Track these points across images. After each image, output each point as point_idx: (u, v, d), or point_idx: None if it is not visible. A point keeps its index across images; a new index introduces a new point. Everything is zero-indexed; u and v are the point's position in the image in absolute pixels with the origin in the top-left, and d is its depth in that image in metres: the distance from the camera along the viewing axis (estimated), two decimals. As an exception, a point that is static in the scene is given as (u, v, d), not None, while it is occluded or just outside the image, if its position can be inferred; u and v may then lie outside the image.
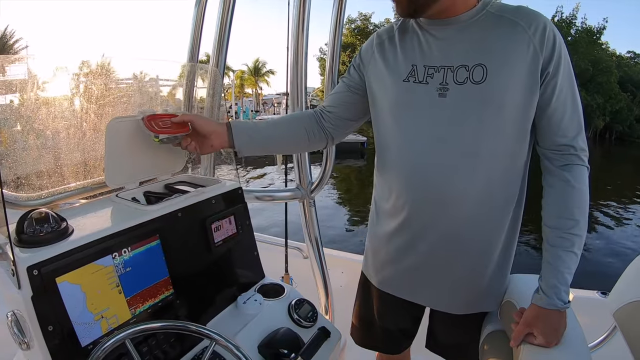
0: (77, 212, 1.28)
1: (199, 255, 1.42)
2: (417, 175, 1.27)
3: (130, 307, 1.16)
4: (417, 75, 1.24)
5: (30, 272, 0.97)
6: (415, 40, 1.27)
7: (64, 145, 1.43)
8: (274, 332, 1.36)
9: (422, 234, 1.32)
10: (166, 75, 1.96)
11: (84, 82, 1.47)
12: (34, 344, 1.06)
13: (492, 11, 1.18)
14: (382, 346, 1.70)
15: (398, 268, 1.43)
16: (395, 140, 1.32)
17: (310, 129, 1.49)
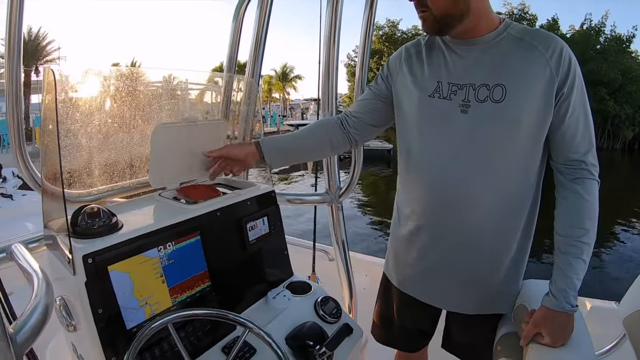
0: (124, 208, 1.40)
1: (235, 251, 1.52)
2: (436, 185, 1.36)
3: (171, 296, 1.27)
4: (441, 91, 1.32)
5: (85, 260, 1.09)
6: (441, 57, 1.35)
7: (112, 147, 1.55)
8: (300, 325, 1.44)
9: (437, 240, 1.41)
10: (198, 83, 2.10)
11: (132, 90, 1.58)
12: (81, 326, 1.17)
13: (512, 33, 1.26)
14: (400, 344, 1.77)
15: (415, 270, 1.51)
16: (418, 151, 1.41)
17: (334, 136, 1.59)
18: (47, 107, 1.25)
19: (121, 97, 1.52)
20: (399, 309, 1.66)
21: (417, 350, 1.76)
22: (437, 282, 1.47)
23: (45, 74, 1.19)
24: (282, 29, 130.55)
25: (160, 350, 1.20)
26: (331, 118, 1.65)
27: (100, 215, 1.23)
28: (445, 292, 1.47)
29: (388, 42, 39.13)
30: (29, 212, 4.09)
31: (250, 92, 2.01)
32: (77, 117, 1.42)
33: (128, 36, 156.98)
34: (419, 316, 1.63)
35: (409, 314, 1.64)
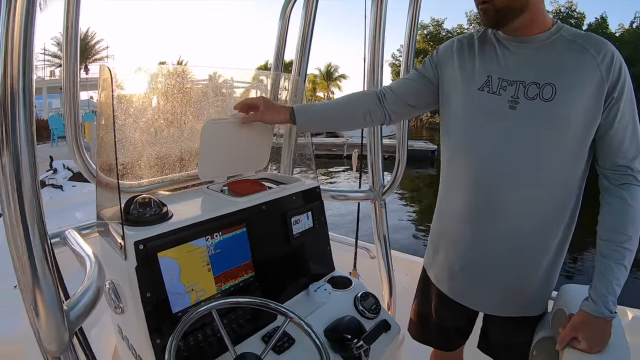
0: (174, 199, 1.47)
1: (279, 244, 1.57)
2: (479, 180, 1.36)
3: (216, 283, 1.33)
4: (491, 85, 1.33)
5: (137, 246, 1.16)
6: (493, 52, 1.36)
7: (162, 141, 1.63)
8: (339, 319, 1.47)
9: (477, 239, 1.41)
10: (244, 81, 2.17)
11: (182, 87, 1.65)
12: (129, 309, 1.25)
13: (565, 35, 1.26)
14: (437, 342, 1.77)
15: (453, 269, 1.51)
16: (463, 144, 1.41)
17: (370, 109, 1.60)
18: (103, 103, 1.33)
19: (172, 94, 1.59)
20: (436, 307, 1.66)
21: (454, 350, 1.76)
22: (474, 283, 1.47)
23: (101, 72, 1.27)
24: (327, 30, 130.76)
25: (203, 335, 1.26)
26: (370, 91, 1.65)
27: (152, 205, 1.30)
28: (481, 294, 1.47)
29: (433, 41, 38.54)
30: (78, 203, 4.26)
31: (296, 90, 2.05)
32: (130, 112, 1.50)
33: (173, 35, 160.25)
34: (456, 315, 1.62)
35: (446, 312, 1.64)
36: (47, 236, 0.79)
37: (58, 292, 0.83)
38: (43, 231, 0.77)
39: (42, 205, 0.77)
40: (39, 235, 0.76)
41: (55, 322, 0.82)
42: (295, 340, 1.35)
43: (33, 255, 0.75)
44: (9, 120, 0.69)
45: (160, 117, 1.59)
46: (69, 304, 0.90)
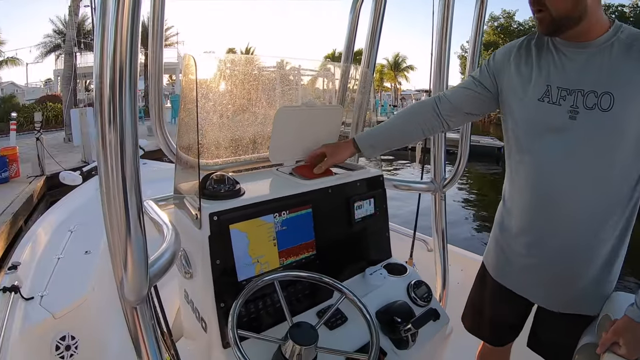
0: (246, 178, 1.59)
1: (341, 227, 1.66)
2: (540, 188, 1.39)
3: (280, 258, 1.44)
4: (551, 96, 1.34)
5: (211, 217, 1.29)
6: (550, 59, 1.36)
7: (237, 124, 1.75)
8: (391, 302, 1.55)
9: (538, 240, 1.44)
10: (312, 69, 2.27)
11: (257, 75, 1.76)
12: (198, 274, 1.39)
13: (622, 37, 1.24)
14: (487, 336, 1.80)
15: (513, 263, 1.55)
16: (525, 152, 1.43)
17: (426, 123, 1.65)
18: (186, 88, 1.47)
19: (247, 81, 1.70)
20: (491, 300, 1.70)
21: (503, 345, 1.78)
22: (531, 275, 1.50)
23: (185, 59, 1.40)
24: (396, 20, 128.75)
25: (263, 304, 1.38)
26: (426, 103, 1.68)
27: (226, 181, 1.42)
28: (537, 285, 1.50)
29: (503, 33, 36.83)
30: (149, 179, 4.51)
31: (365, 81, 2.12)
32: (209, 97, 1.62)
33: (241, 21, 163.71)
34: (510, 309, 1.66)
35: (501, 305, 1.67)
36: (142, 199, 0.90)
37: (146, 251, 0.94)
38: (139, 196, 0.88)
39: (139, 174, 0.87)
40: (136, 200, 0.87)
41: (140, 277, 0.93)
42: (347, 319, 1.44)
43: (129, 215, 0.86)
44: (117, 99, 0.79)
45: (235, 102, 1.69)
46: (150, 263, 1.01)
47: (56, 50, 26.85)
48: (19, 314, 2.05)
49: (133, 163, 0.84)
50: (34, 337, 2.01)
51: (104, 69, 0.78)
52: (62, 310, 2.15)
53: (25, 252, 2.75)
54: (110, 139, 0.80)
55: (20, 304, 2.12)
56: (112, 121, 0.79)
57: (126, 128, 0.81)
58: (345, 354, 1.27)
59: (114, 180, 0.83)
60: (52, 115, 20.05)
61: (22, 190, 7.85)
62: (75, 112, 11.72)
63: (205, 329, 1.39)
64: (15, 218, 6.41)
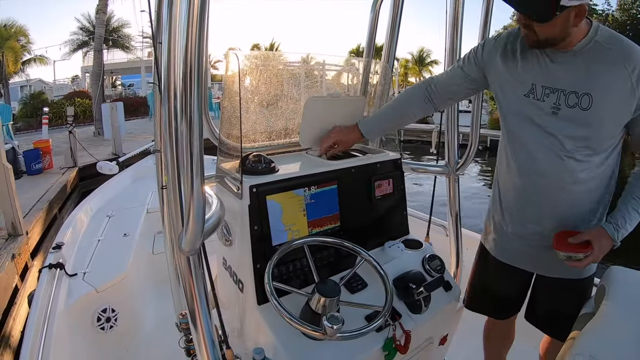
0: (280, 160, 1.77)
1: (362, 203, 1.84)
2: (525, 172, 1.58)
3: (308, 227, 1.64)
4: (535, 93, 1.50)
5: (251, 189, 1.49)
6: (535, 59, 1.49)
7: (271, 113, 1.94)
8: (407, 271, 1.72)
9: (526, 210, 1.63)
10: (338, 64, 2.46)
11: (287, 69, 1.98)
12: (236, 242, 1.59)
13: (599, 41, 1.38)
14: (491, 310, 1.96)
15: (511, 239, 1.72)
16: (513, 139, 1.61)
17: (419, 107, 1.84)
18: (229, 81, 1.68)
19: (280, 75, 1.90)
20: (493, 277, 1.86)
21: (507, 318, 1.94)
22: (528, 249, 1.67)
23: (228, 56, 1.63)
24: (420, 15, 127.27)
25: (293, 267, 1.57)
26: (418, 90, 1.85)
27: (262, 161, 1.64)
28: (536, 257, 1.67)
29: (515, 24, 35.72)
30: None
31: (385, 75, 2.30)
32: (248, 89, 1.82)
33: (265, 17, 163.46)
34: (511, 283, 1.82)
35: (502, 280, 1.84)
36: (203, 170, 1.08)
37: (204, 210, 1.12)
38: (202, 169, 1.06)
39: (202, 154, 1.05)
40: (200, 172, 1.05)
41: (197, 230, 1.10)
42: (368, 285, 1.62)
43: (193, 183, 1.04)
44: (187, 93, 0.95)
45: (270, 93, 1.88)
46: None
47: (83, 48, 27.19)
48: (64, 288, 2.25)
49: (199, 144, 1.02)
50: (78, 309, 2.21)
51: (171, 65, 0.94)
52: (103, 285, 2.35)
53: (68, 235, 2.97)
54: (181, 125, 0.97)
55: (65, 280, 2.32)
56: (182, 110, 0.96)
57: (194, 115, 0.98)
58: (364, 306, 1.44)
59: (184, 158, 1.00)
60: (81, 111, 20.40)
61: (56, 181, 8.03)
62: (107, 107, 12.01)
63: (242, 289, 1.58)
64: (51, 206, 6.58)
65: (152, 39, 1.55)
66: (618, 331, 1.27)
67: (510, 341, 2.05)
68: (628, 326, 1.28)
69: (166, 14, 0.94)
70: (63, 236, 2.92)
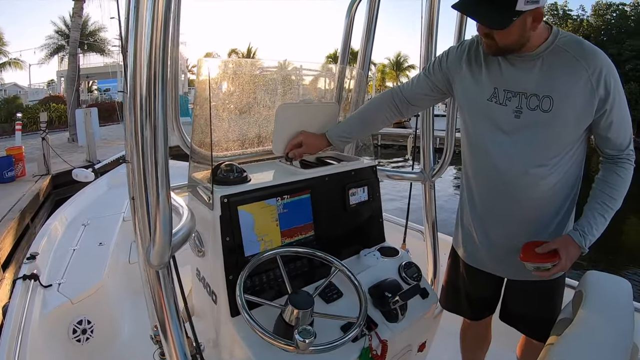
0: (252, 168, 1.75)
1: (337, 211, 1.81)
2: (491, 175, 1.58)
3: (282, 237, 1.62)
4: (498, 97, 1.51)
5: (222, 200, 1.47)
6: (496, 64, 1.52)
7: (243, 121, 1.92)
8: (382, 280, 1.69)
9: (493, 214, 1.64)
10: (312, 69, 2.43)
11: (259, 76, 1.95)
12: (209, 251, 1.56)
13: (559, 44, 1.41)
14: (465, 311, 1.96)
15: (479, 244, 1.72)
16: (478, 144, 1.61)
17: (386, 116, 1.85)
18: (200, 89, 1.64)
19: (253, 82, 1.87)
20: (465, 279, 1.87)
21: (482, 319, 1.95)
22: (496, 254, 1.67)
23: (199, 63, 1.61)
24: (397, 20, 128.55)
25: (267, 278, 1.54)
26: (385, 98, 1.85)
27: (234, 170, 1.60)
28: (499, 260, 1.68)
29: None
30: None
31: (360, 82, 2.29)
32: (220, 97, 1.80)
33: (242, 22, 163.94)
34: (483, 285, 1.83)
35: (473, 283, 1.84)
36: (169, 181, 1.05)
37: (171, 223, 1.10)
38: (168, 179, 1.04)
39: (168, 162, 1.03)
40: (166, 182, 1.03)
41: (164, 243, 1.08)
42: (343, 294, 1.60)
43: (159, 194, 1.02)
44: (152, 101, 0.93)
45: (242, 101, 1.86)
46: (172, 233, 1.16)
47: (59, 52, 26.82)
48: (38, 300, 2.17)
49: (164, 152, 1.00)
50: (52, 321, 2.14)
51: (136, 73, 0.92)
52: (78, 296, 2.28)
53: (42, 244, 2.87)
54: (146, 132, 0.95)
55: (39, 291, 2.24)
56: (147, 117, 0.94)
57: (159, 122, 0.96)
58: (337, 317, 1.42)
59: (148, 165, 0.98)
60: (56, 116, 20.20)
61: (28, 189, 7.93)
62: (81, 113, 11.92)
63: (215, 301, 1.55)
64: (23, 215, 6.50)
65: (120, 47, 1.52)
66: (596, 338, 1.27)
67: (487, 343, 2.05)
68: (605, 332, 1.29)
69: (132, 20, 0.91)
70: (37, 246, 2.84)
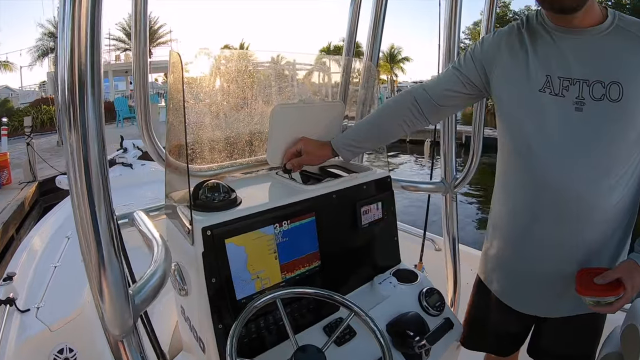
0: (243, 184, 1.48)
1: (347, 234, 1.54)
2: (547, 187, 1.27)
3: (282, 272, 1.32)
4: (552, 86, 1.23)
5: (204, 232, 1.16)
6: (547, 48, 1.25)
7: (232, 125, 1.64)
8: (403, 314, 1.44)
9: (539, 242, 1.33)
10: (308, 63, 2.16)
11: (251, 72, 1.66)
12: (193, 292, 1.27)
13: (621, 25, 1.18)
14: (490, 348, 1.71)
15: (513, 275, 1.45)
16: (525, 148, 1.30)
17: (405, 120, 1.53)
18: (173, 87, 1.31)
19: (242, 78, 1.59)
20: (494, 316, 1.59)
21: (509, 355, 1.69)
22: (534, 288, 1.40)
23: (170, 57, 1.25)
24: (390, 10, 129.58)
25: (265, 322, 1.27)
26: (405, 100, 1.54)
27: (220, 190, 1.30)
28: (541, 298, 1.41)
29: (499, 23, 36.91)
30: (148, 181, 4.44)
31: (368, 76, 1.99)
32: (200, 97, 1.52)
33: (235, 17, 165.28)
34: (516, 321, 1.55)
35: (505, 320, 1.57)
36: (114, 218, 0.79)
37: (124, 277, 0.83)
38: (110, 212, 0.77)
39: (109, 186, 0.76)
40: (106, 217, 0.75)
41: (120, 307, 0.83)
42: (356, 333, 1.34)
43: (99, 236, 0.75)
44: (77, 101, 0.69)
45: (229, 101, 1.60)
46: (135, 289, 0.90)
47: (51, 53, 26.82)
48: (15, 327, 2.03)
49: (100, 174, 0.73)
50: (31, 350, 1.98)
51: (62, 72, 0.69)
52: (58, 321, 2.10)
53: (21, 262, 2.73)
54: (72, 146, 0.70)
55: (17, 317, 2.09)
56: (72, 127, 0.69)
57: (90, 134, 0.71)
58: None
59: (79, 194, 0.73)
60: (47, 118, 20.07)
61: (13, 198, 7.80)
62: None
63: (203, 349, 1.29)
64: (6, 227, 6.38)
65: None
66: None
67: None
68: None
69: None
70: (16, 263, 2.69)
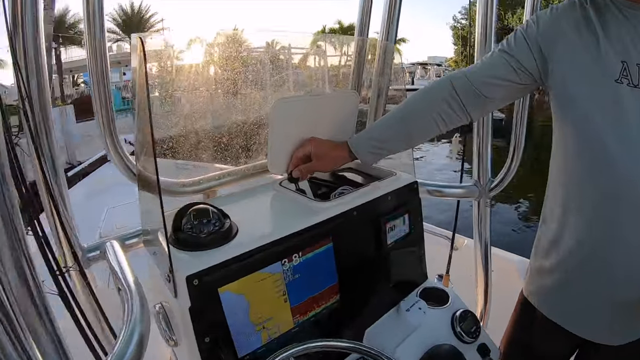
0: (238, 203, 1.21)
1: (370, 258, 1.27)
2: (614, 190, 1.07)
3: (294, 316, 1.05)
4: (630, 75, 1.00)
5: (190, 281, 0.87)
6: (620, 27, 1.02)
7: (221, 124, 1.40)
8: (436, 347, 1.21)
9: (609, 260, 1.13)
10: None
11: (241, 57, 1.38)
12: (183, 345, 0.99)
13: None
14: None
15: (566, 293, 1.26)
16: (593, 146, 1.08)
17: (444, 114, 1.24)
18: (139, 83, 0.97)
19: (233, 67, 1.31)
20: (537, 335, 1.40)
21: None
22: (593, 309, 1.22)
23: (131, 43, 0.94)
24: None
25: None
26: (442, 88, 1.25)
27: (210, 216, 1.00)
28: (600, 320, 1.22)
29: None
30: None
31: (385, 59, 1.69)
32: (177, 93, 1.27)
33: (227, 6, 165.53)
34: (561, 344, 1.38)
35: (551, 341, 1.39)
36: None
37: None
38: None
39: None
40: None
41: None
42: None
43: None
44: None
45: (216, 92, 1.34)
46: None
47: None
48: None
49: None
50: None
51: None
52: None
53: None
54: None
55: None
56: None
57: None
58: None
59: None
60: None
61: None
62: (55, 111, 11.58)
63: None
64: None
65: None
66: None
67: None
68: None
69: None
70: None
